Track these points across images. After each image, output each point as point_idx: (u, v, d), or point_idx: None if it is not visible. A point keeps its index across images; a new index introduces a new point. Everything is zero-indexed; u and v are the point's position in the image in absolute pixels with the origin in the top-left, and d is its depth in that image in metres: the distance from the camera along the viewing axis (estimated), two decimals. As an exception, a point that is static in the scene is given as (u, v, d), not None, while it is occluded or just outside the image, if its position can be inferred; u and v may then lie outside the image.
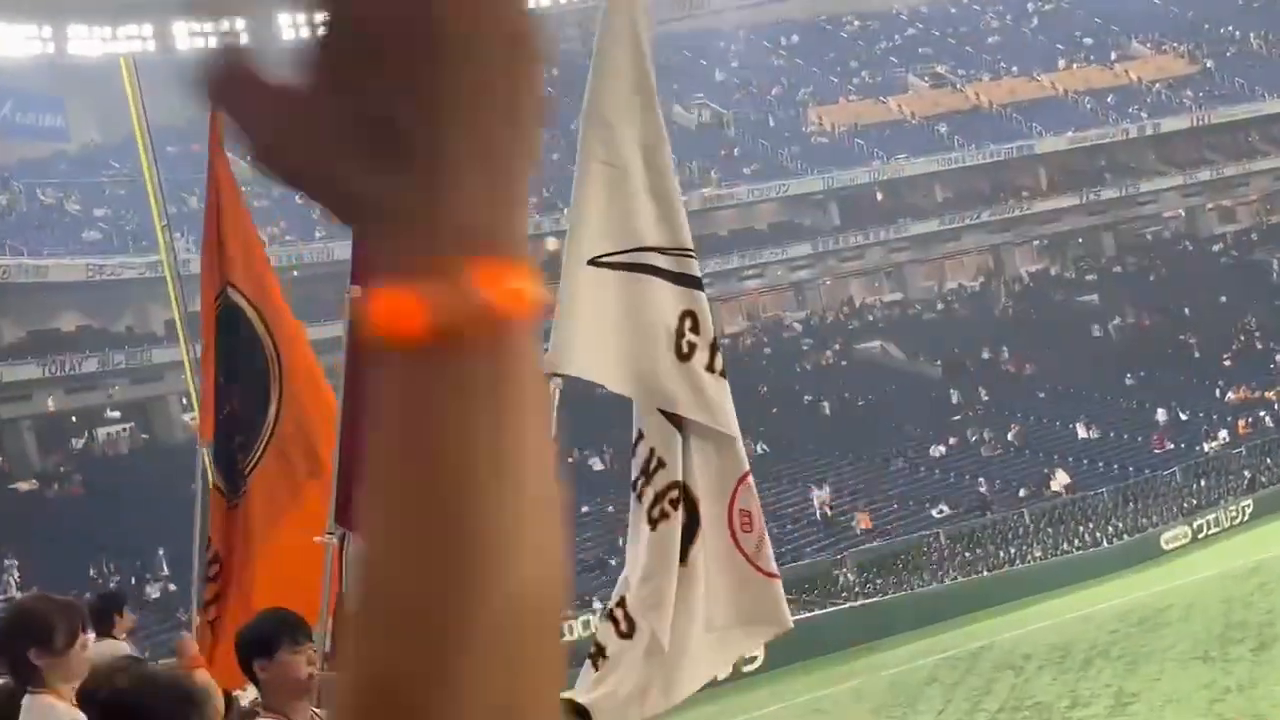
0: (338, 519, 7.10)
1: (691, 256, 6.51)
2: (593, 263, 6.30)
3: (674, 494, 6.34)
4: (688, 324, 6.36)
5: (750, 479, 6.57)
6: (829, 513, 49.19)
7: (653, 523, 6.35)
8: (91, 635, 6.86)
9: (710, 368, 6.41)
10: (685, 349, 6.34)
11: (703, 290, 6.54)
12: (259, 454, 8.40)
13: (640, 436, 6.44)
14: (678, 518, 6.35)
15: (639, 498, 6.41)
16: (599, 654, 6.35)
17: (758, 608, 6.60)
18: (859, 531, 48.17)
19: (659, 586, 6.33)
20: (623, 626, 6.34)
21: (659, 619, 6.32)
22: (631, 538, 6.50)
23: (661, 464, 6.36)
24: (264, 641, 5.41)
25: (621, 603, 6.39)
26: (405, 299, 0.80)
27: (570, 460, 48.35)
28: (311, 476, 8.13)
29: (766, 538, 6.68)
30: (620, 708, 6.27)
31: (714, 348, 6.47)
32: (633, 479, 6.51)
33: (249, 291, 8.65)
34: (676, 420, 6.36)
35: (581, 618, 36.43)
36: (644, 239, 6.36)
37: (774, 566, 6.69)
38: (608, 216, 6.36)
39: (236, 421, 8.59)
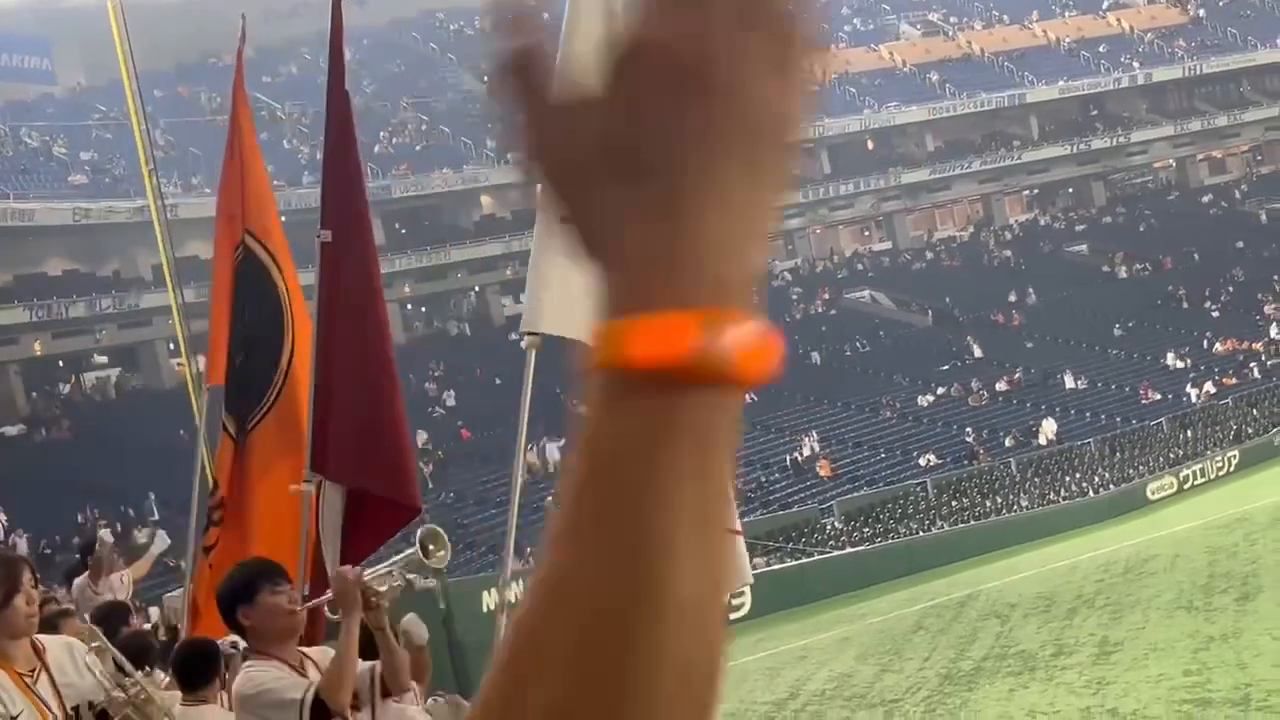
0: (313, 466, 7.09)
1: None
2: (566, 219, 6.31)
3: None
4: None
5: None
6: (817, 461, 49.30)
7: None
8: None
9: None
10: None
11: None
12: (269, 404, 8.38)
13: None
14: None
15: None
16: None
17: None
18: (823, 478, 48.32)
19: None
20: None
21: None
22: None
23: None
24: (243, 588, 5.41)
25: None
26: (667, 329, 0.75)
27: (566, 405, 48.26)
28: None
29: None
30: None
31: None
32: None
33: (267, 242, 8.59)
34: None
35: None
36: None
37: (738, 524, 6.72)
38: None
39: (251, 369, 8.55)
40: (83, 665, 5.57)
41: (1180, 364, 56.61)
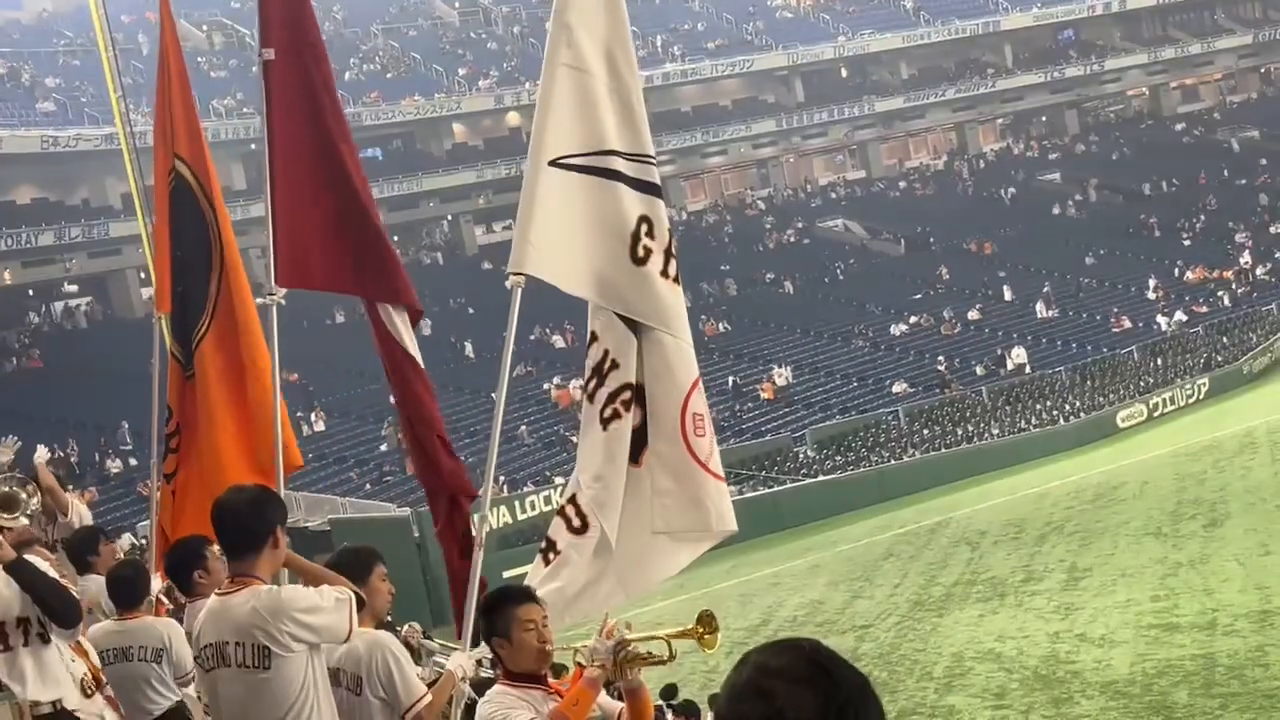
0: (278, 279, 7.14)
1: (651, 163, 6.51)
2: (554, 163, 6.29)
3: (626, 395, 6.40)
4: (644, 229, 6.39)
5: (700, 384, 6.61)
6: (790, 390, 49.43)
7: (604, 423, 6.42)
8: None
9: (664, 273, 6.43)
10: (641, 254, 6.38)
11: (661, 198, 6.54)
12: (205, 324, 8.40)
13: (594, 338, 6.48)
14: (629, 419, 6.42)
15: (590, 398, 6.47)
16: (550, 549, 6.45)
17: (711, 511, 6.66)
18: (765, 401, 48.46)
19: (609, 485, 6.42)
20: (575, 523, 6.43)
21: (607, 517, 6.41)
22: (583, 437, 6.57)
23: (615, 365, 6.41)
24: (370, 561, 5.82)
25: (573, 500, 6.47)
26: None
27: (533, 338, 48.30)
28: (252, 348, 8.17)
29: (715, 442, 6.73)
30: (570, 603, 6.37)
31: (669, 254, 6.47)
32: (584, 380, 6.57)
33: (191, 162, 8.61)
34: (632, 323, 6.40)
35: (543, 493, 36.66)
36: (607, 142, 6.36)
37: (721, 470, 6.75)
38: (571, 119, 6.35)
39: (189, 295, 8.56)
40: (5, 581, 5.92)
41: (1151, 293, 56.83)
